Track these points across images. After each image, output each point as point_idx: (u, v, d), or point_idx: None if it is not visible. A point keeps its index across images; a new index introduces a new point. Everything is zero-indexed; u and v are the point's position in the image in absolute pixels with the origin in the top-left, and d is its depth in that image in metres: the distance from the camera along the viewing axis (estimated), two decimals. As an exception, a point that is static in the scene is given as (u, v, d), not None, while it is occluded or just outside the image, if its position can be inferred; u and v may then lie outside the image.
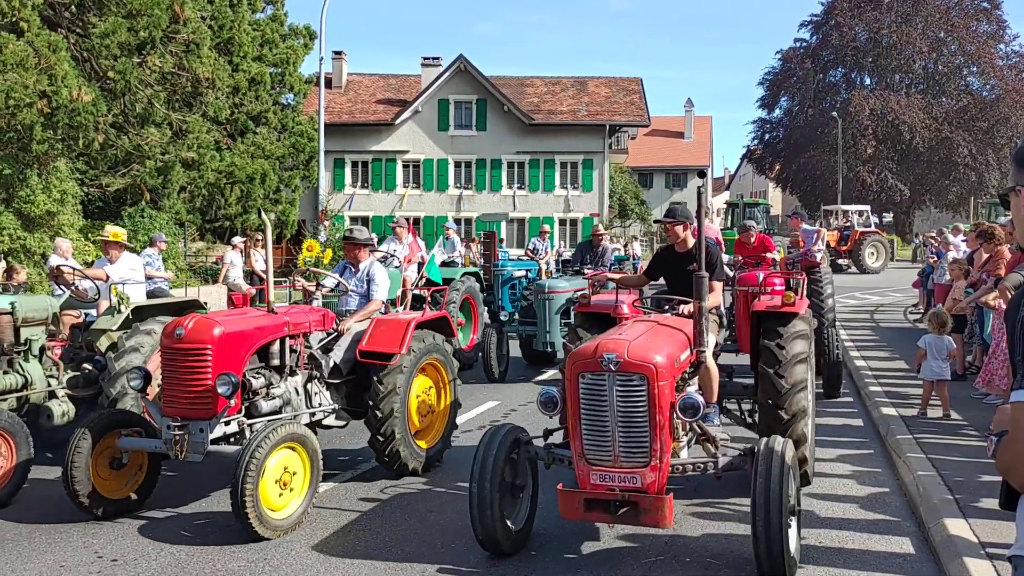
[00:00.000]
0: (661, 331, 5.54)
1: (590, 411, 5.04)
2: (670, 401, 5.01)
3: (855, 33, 53.80)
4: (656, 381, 4.91)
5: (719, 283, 6.63)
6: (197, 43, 21.46)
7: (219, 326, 6.26)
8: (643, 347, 5.05)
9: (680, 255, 6.66)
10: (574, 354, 5.15)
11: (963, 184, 52.77)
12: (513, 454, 5.48)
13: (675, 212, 6.78)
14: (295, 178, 29.34)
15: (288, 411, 6.76)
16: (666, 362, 5.04)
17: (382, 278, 7.92)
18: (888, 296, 23.93)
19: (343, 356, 7.35)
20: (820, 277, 11.92)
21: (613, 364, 4.91)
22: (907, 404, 9.48)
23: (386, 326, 7.31)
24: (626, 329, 5.46)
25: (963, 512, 5.79)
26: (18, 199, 19.06)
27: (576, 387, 5.07)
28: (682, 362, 5.41)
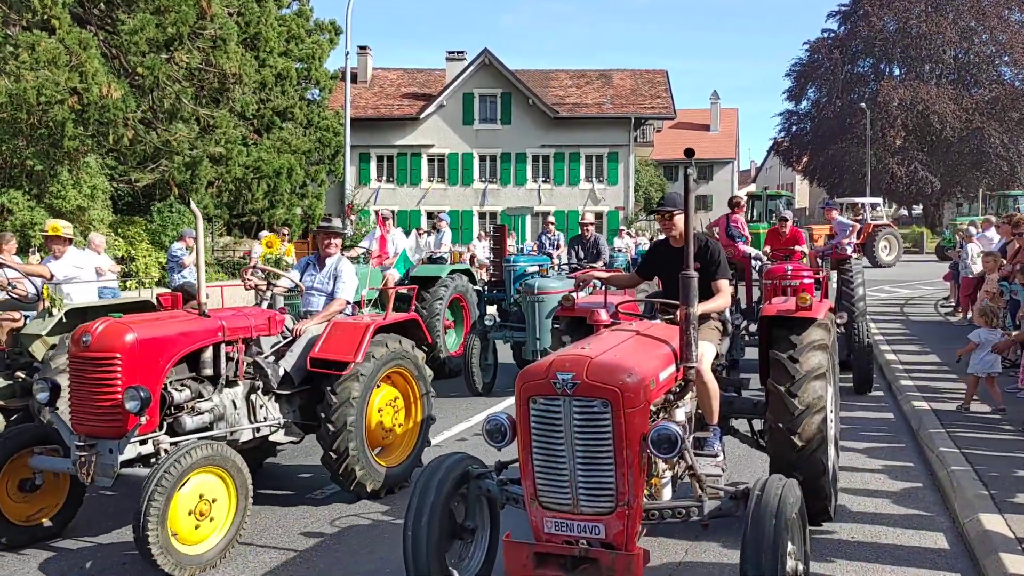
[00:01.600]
0: (640, 343, 4.65)
1: (543, 444, 4.11)
2: (642, 432, 4.05)
3: (884, 23, 53.11)
4: (623, 407, 3.97)
5: (724, 282, 5.71)
6: (224, 39, 21.60)
7: (132, 332, 5.51)
8: (608, 365, 4.10)
9: (677, 251, 5.69)
10: (523, 373, 4.20)
11: (994, 175, 51.98)
12: (462, 489, 4.60)
13: (671, 200, 5.77)
14: (321, 173, 29.48)
15: (222, 427, 6.02)
16: (637, 383, 4.06)
17: (349, 275, 7.18)
18: (918, 289, 23.66)
19: (295, 363, 6.56)
20: (851, 271, 11.47)
21: (569, 386, 4.00)
22: (939, 398, 9.36)
23: (342, 330, 6.56)
24: (594, 341, 4.57)
25: (999, 507, 5.72)
26: (49, 194, 19.31)
27: (526, 414, 4.13)
28: (662, 381, 4.46)
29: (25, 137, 18.61)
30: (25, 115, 17.81)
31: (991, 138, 50.38)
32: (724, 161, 63.50)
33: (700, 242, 5.63)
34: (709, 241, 5.76)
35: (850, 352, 10.29)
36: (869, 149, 48.84)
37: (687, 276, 4.46)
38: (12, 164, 19.19)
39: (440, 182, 43.07)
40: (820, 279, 11.42)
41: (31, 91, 17.37)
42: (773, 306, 5.81)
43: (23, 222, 18.33)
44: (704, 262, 5.63)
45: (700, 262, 5.45)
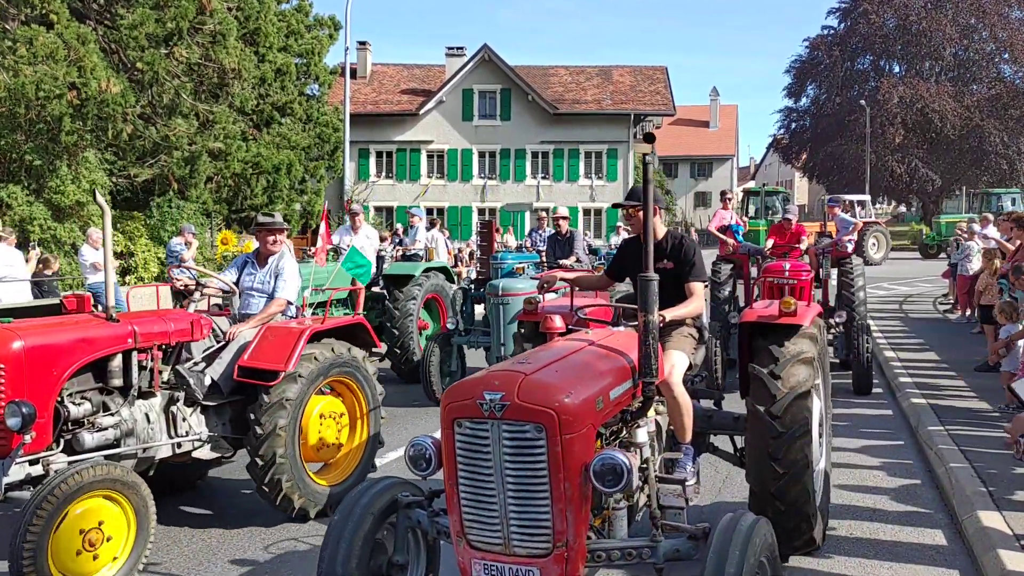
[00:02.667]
0: (591, 356, 4.10)
1: (470, 474, 3.57)
2: (584, 461, 3.51)
3: (884, 20, 53.03)
4: (560, 432, 3.44)
5: (699, 285, 5.15)
6: (223, 34, 21.57)
7: (18, 340, 4.97)
8: (544, 383, 3.58)
9: None
10: (448, 391, 3.71)
11: (994, 173, 51.98)
12: (391, 520, 4.04)
13: (638, 194, 4.99)
14: (320, 168, 29.44)
15: (131, 444, 5.46)
16: (578, 404, 3.54)
17: (291, 274, 6.58)
18: (917, 287, 23.67)
19: (223, 371, 5.96)
20: (851, 269, 11.18)
21: (498, 408, 3.47)
22: (938, 395, 9.37)
23: (275, 335, 5.97)
24: (536, 354, 4.04)
25: (997, 505, 5.72)
26: (48, 190, 19.27)
27: (451, 439, 3.61)
28: (614, 400, 3.90)
29: (24, 132, 18.59)
30: (24, 110, 17.78)
31: (991, 136, 50.36)
32: (723, 158, 63.50)
33: (674, 240, 5.20)
34: (684, 239, 5.21)
35: (849, 352, 10.16)
36: (868, 146, 48.81)
37: (645, 279, 3.90)
38: (11, 159, 19.16)
39: (439, 178, 43.04)
40: (821, 278, 11.28)
41: (30, 86, 17.34)
42: (754, 311, 5.20)
43: (22, 217, 18.31)
44: (677, 262, 5.12)
45: (673, 261, 5.10)
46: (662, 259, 5.03)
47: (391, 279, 11.30)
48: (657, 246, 4.94)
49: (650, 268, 3.91)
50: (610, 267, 5.61)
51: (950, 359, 11.63)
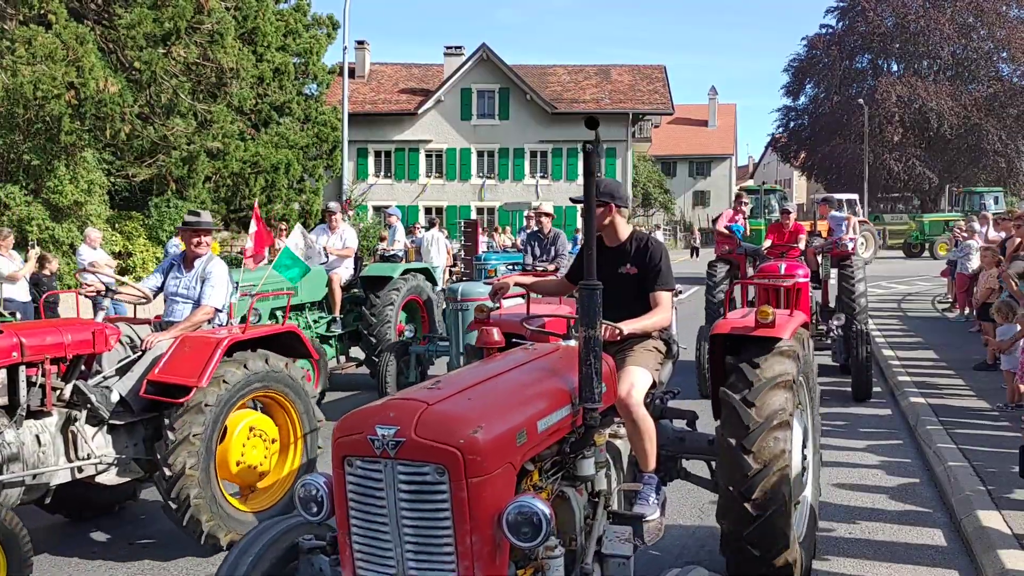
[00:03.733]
0: (522, 378, 3.60)
1: (363, 522, 3.08)
2: (497, 508, 2.98)
3: (882, 19, 53.10)
4: (465, 475, 2.92)
5: (666, 294, 4.59)
6: (221, 33, 21.56)
7: None
8: (449, 415, 3.05)
9: (613, 251, 4.65)
10: (339, 424, 3.17)
11: (992, 171, 52.06)
12: (294, 564, 3.49)
13: (600, 188, 4.56)
14: (319, 168, 29.44)
15: (16, 470, 4.87)
16: (490, 440, 3.01)
17: (219, 278, 6.01)
18: (916, 285, 23.69)
19: (133, 386, 5.36)
20: (852, 268, 10.68)
21: (391, 445, 2.94)
22: (937, 394, 9.37)
23: (190, 346, 5.37)
24: (450, 378, 3.51)
25: (996, 503, 5.72)
26: (46, 189, 19.27)
27: (341, 479, 3.10)
28: (545, 431, 3.37)
29: (22, 132, 18.58)
30: (22, 109, 17.78)
31: (989, 134, 50.43)
32: (722, 157, 63.50)
33: (639, 242, 4.64)
34: (650, 240, 4.67)
35: (848, 356, 9.83)
36: (867, 145, 48.85)
37: (587, 288, 3.39)
38: (9, 159, 19.16)
39: (438, 177, 43.03)
40: (821, 278, 10.98)
41: (28, 86, 17.33)
42: (727, 321, 4.63)
43: (20, 217, 18.30)
44: (642, 267, 4.58)
45: (637, 267, 4.58)
46: (625, 264, 4.60)
47: (369, 282, 10.60)
48: (620, 249, 4.64)
49: (592, 275, 3.43)
50: (571, 271, 5.01)
51: (949, 358, 11.63)
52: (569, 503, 3.49)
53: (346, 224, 11.19)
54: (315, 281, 10.13)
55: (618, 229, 4.66)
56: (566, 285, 5.06)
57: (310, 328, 9.99)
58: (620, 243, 4.67)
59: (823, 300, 11.16)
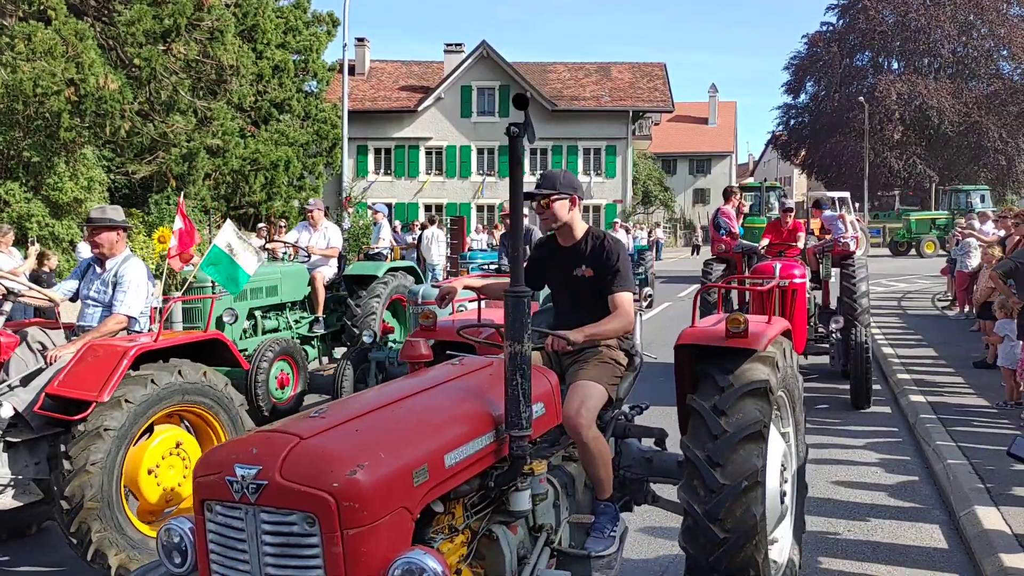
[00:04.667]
0: (435, 401, 3.13)
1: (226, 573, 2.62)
2: (382, 564, 2.50)
3: (882, 16, 53.08)
4: (340, 525, 2.45)
5: (625, 296, 4.11)
6: (221, 30, 21.56)
7: None
8: (324, 451, 2.55)
9: (568, 250, 4.24)
10: (199, 461, 2.74)
11: (992, 169, 52.07)
12: None
13: (552, 180, 4.18)
14: (319, 165, 29.44)
15: None
16: (373, 481, 2.51)
17: (133, 281, 5.41)
18: (916, 283, 23.69)
19: (32, 400, 4.81)
20: (854, 268, 10.21)
21: (252, 489, 2.47)
22: (936, 392, 9.38)
23: (95, 356, 4.84)
24: (343, 404, 3.04)
25: (995, 501, 5.73)
26: (46, 186, 19.27)
27: (202, 527, 2.67)
28: (457, 464, 2.90)
29: (22, 128, 18.57)
30: (21, 106, 17.77)
31: (989, 132, 50.43)
32: (722, 154, 63.46)
33: (595, 240, 4.20)
34: (607, 238, 4.21)
35: (847, 361, 9.31)
36: (867, 143, 48.84)
37: (513, 295, 2.97)
38: (8, 156, 19.16)
39: (438, 175, 43.03)
40: (821, 278, 10.61)
41: (27, 82, 17.33)
42: (694, 331, 4.10)
43: (20, 214, 18.30)
44: (598, 268, 4.14)
45: (593, 268, 4.14)
46: (580, 264, 4.16)
47: (353, 280, 10.30)
48: (574, 249, 4.21)
49: (519, 280, 3.00)
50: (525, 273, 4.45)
51: (948, 356, 11.63)
52: (498, 544, 3.08)
53: (329, 222, 10.84)
54: (297, 280, 9.86)
55: (575, 227, 4.22)
56: None
57: (291, 328, 9.73)
58: (575, 242, 4.23)
59: (824, 301, 10.84)
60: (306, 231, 10.50)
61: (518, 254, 3.00)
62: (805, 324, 9.38)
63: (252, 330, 9.41)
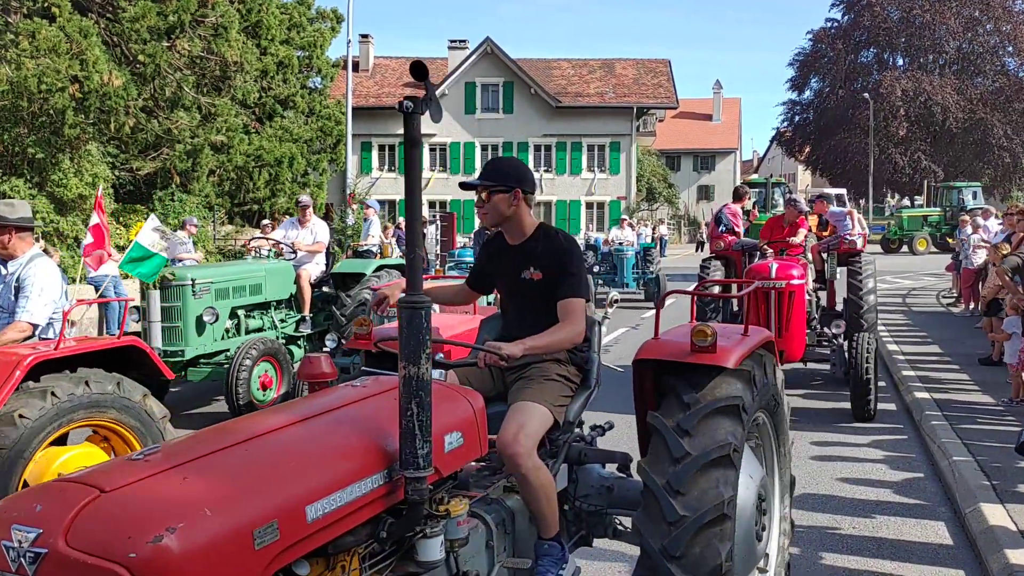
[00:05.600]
0: (308, 435, 2.53)
1: None
2: None
3: (887, 13, 52.96)
4: None
5: (575, 303, 3.57)
6: (225, 27, 21.57)
7: None
8: (130, 507, 1.97)
9: (513, 249, 3.73)
10: None
11: (997, 166, 51.95)
12: None
13: (494, 170, 3.66)
14: (323, 161, 29.46)
15: None
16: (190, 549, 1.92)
17: (38, 285, 4.90)
18: (920, 280, 23.65)
19: None
20: (860, 267, 9.70)
21: (29, 558, 1.90)
22: (941, 388, 9.36)
23: None
24: (182, 444, 2.43)
25: (1000, 498, 5.72)
26: (51, 183, 19.30)
27: None
28: (321, 519, 2.29)
29: (26, 125, 18.60)
30: (26, 103, 17.80)
31: (994, 129, 50.29)
32: (726, 151, 63.39)
33: (547, 238, 3.68)
34: (559, 236, 3.70)
35: (848, 369, 8.57)
36: (872, 139, 48.73)
37: (408, 305, 2.46)
38: (13, 152, 19.18)
39: (442, 171, 43.02)
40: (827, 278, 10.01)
41: (32, 79, 17.35)
42: (655, 344, 3.53)
43: (24, 210, 18.34)
44: (548, 269, 3.61)
45: (543, 270, 3.62)
46: (528, 266, 3.65)
47: (341, 279, 9.97)
48: (522, 248, 3.69)
49: (415, 287, 2.48)
50: (471, 274, 4.12)
51: (953, 353, 11.62)
52: None
53: (317, 218, 10.56)
54: (282, 278, 9.53)
55: (523, 222, 3.68)
56: (467, 292, 4.12)
57: (276, 328, 9.49)
58: (523, 240, 3.70)
59: (829, 302, 10.37)
60: (294, 228, 10.23)
61: (414, 256, 2.51)
62: (804, 329, 8.76)
63: (235, 330, 9.14)
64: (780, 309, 8.42)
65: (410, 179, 2.48)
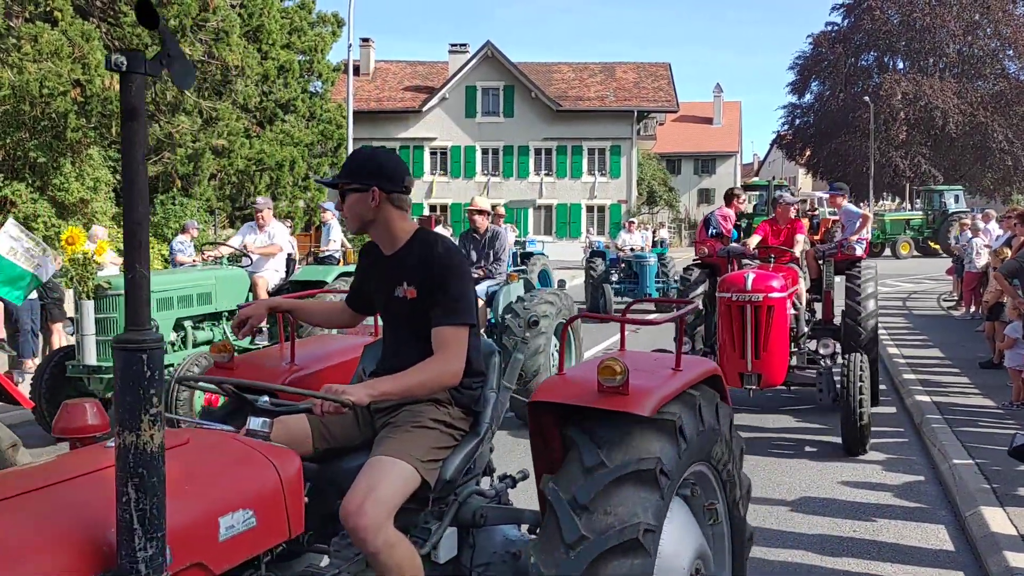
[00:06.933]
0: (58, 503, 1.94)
1: None
2: None
3: (888, 16, 53.05)
4: None
5: (452, 332, 2.86)
6: (227, 31, 21.63)
7: None
8: None
9: (386, 261, 3.07)
10: None
11: (998, 170, 51.99)
12: None
13: (354, 165, 3.01)
14: (323, 165, 29.50)
15: None
16: None
17: None
18: (921, 284, 23.66)
19: None
20: (860, 276, 8.72)
21: None
22: (941, 392, 9.36)
23: None
24: None
25: (1001, 501, 5.72)
26: (52, 187, 19.35)
27: None
28: None
29: (28, 129, 18.65)
30: (28, 107, 17.85)
31: (995, 133, 50.34)
32: (727, 154, 63.40)
33: (424, 248, 2.98)
34: (438, 243, 2.97)
35: (837, 395, 7.42)
36: (872, 143, 48.76)
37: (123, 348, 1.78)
38: (15, 156, 19.23)
39: (443, 175, 43.04)
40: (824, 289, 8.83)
41: (34, 83, 17.40)
42: (556, 382, 2.87)
43: (26, 214, 18.37)
44: (421, 285, 2.93)
45: (415, 285, 2.94)
46: (401, 280, 2.97)
47: (300, 287, 9.13)
48: (396, 258, 3.03)
49: (140, 321, 1.79)
50: (350, 290, 3.36)
51: (954, 356, 11.62)
52: None
53: (277, 221, 9.97)
54: (235, 286, 8.78)
55: (392, 228, 3.01)
56: (349, 313, 3.37)
57: (227, 340, 8.47)
58: (396, 249, 3.04)
59: (825, 316, 9.15)
60: (252, 232, 9.58)
61: (135, 276, 1.80)
62: (786, 349, 7.61)
63: (181, 343, 8.29)
64: (757, 326, 7.31)
65: (128, 163, 1.76)
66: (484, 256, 9.04)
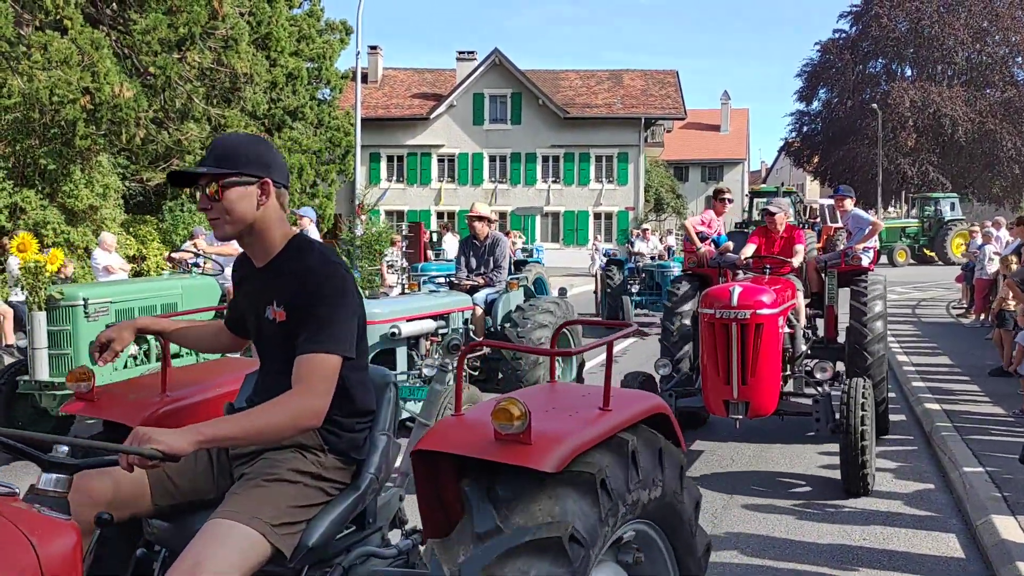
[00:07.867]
0: None
1: None
2: None
3: (895, 23, 52.99)
4: None
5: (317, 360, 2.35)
6: (235, 39, 21.70)
7: None
8: None
9: (258, 274, 2.61)
10: None
11: (1006, 177, 51.85)
12: None
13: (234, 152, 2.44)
14: (332, 172, 29.57)
15: None
16: None
17: None
18: (930, 291, 23.58)
19: None
20: (866, 292, 7.85)
21: None
22: (951, 400, 9.32)
23: None
24: None
25: (1012, 510, 5.69)
26: (62, 194, 19.42)
27: None
28: None
29: (38, 136, 18.74)
30: (38, 114, 17.93)
31: (1004, 140, 50.21)
32: (734, 161, 63.37)
33: (298, 258, 2.51)
34: (314, 252, 2.51)
35: (837, 426, 6.40)
36: (880, 150, 48.68)
37: None
38: (25, 163, 19.32)
39: (450, 182, 43.11)
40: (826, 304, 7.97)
41: (43, 91, 17.48)
42: (448, 427, 2.39)
43: (36, 221, 18.45)
44: (291, 304, 2.46)
45: (284, 304, 2.48)
46: (272, 298, 2.50)
47: None
48: (268, 270, 2.55)
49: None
50: (227, 310, 2.93)
51: (964, 364, 11.57)
52: None
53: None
54: (204, 295, 8.31)
55: (269, 233, 2.52)
56: (228, 337, 2.87)
57: (194, 353, 8.09)
58: (269, 260, 2.55)
59: (828, 332, 8.30)
60: (210, 243, 8.90)
61: None
62: (778, 373, 6.68)
63: (144, 356, 7.69)
64: (744, 347, 6.34)
65: None
66: (484, 263, 8.78)
